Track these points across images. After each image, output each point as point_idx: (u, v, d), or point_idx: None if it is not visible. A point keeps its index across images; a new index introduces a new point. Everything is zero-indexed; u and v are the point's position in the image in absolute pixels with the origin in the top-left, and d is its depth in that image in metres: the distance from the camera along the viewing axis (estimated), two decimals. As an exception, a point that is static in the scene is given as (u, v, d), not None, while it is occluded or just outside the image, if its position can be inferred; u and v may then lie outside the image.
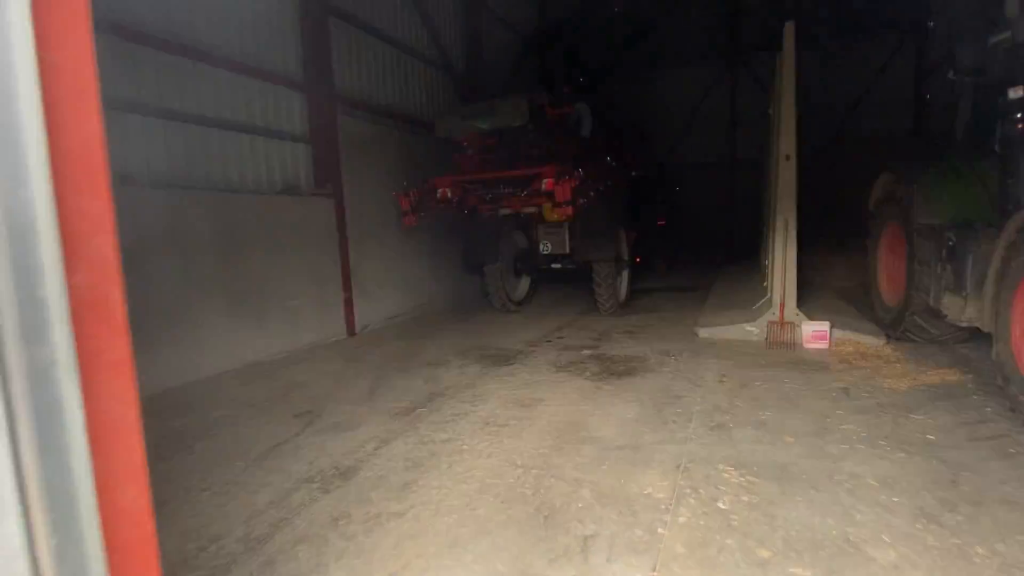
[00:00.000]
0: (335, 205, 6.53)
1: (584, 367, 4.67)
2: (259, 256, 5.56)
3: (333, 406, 3.96)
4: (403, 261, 7.80)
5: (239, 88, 5.74)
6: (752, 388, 3.89)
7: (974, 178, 4.38)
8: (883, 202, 5.47)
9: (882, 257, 5.62)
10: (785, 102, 5.11)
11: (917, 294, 4.55)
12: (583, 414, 3.51)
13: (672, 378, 4.23)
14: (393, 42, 7.96)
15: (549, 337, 6.04)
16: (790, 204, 5.15)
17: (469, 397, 3.99)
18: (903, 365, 4.29)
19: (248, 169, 5.87)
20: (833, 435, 3.01)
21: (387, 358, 5.41)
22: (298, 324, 5.98)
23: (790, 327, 5.18)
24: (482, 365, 4.93)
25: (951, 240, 4.02)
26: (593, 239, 6.39)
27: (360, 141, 7.01)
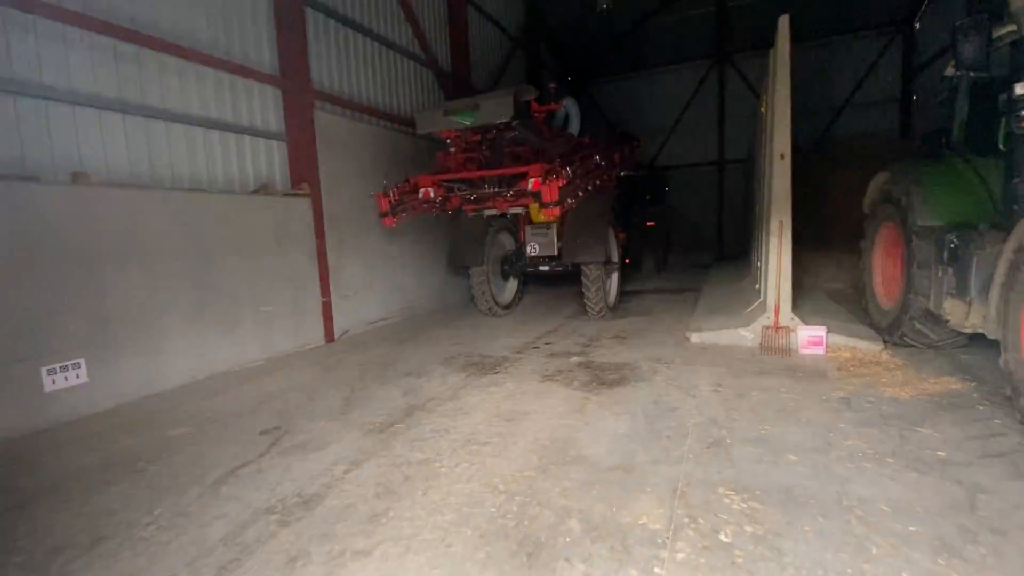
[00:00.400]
0: (312, 205, 6.24)
1: (572, 376, 4.44)
2: (230, 259, 5.25)
3: (303, 421, 3.68)
4: (386, 263, 7.52)
5: (208, 82, 5.43)
6: (749, 398, 3.69)
7: (974, 178, 4.23)
8: (879, 203, 5.32)
9: (877, 259, 5.47)
10: (779, 99, 4.93)
11: (916, 298, 4.38)
12: (571, 429, 3.28)
13: (665, 388, 4.02)
14: (375, 36, 7.68)
15: (536, 343, 5.80)
16: (785, 205, 4.97)
17: (450, 411, 3.74)
18: (903, 372, 4.12)
19: (219, 167, 5.57)
20: (838, 452, 2.81)
21: (366, 366, 5.13)
22: (272, 330, 5.68)
23: (785, 332, 5.00)
24: (466, 374, 4.67)
25: (953, 242, 3.85)
26: (582, 241, 6.17)
27: (339, 138, 6.71)
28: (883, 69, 13.45)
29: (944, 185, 4.29)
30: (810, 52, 13.97)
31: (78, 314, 4.03)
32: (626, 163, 8.41)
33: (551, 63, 15.01)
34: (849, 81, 13.87)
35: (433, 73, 9.07)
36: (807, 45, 13.89)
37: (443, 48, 9.49)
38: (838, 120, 14.08)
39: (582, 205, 6.49)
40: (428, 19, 9.02)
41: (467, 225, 7.00)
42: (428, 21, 9.02)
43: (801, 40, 13.99)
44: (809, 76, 14.09)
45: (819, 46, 13.95)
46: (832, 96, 14.10)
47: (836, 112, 14.06)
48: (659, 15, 14.15)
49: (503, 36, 11.98)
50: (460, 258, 6.96)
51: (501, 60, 11.89)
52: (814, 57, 13.98)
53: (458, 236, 7.04)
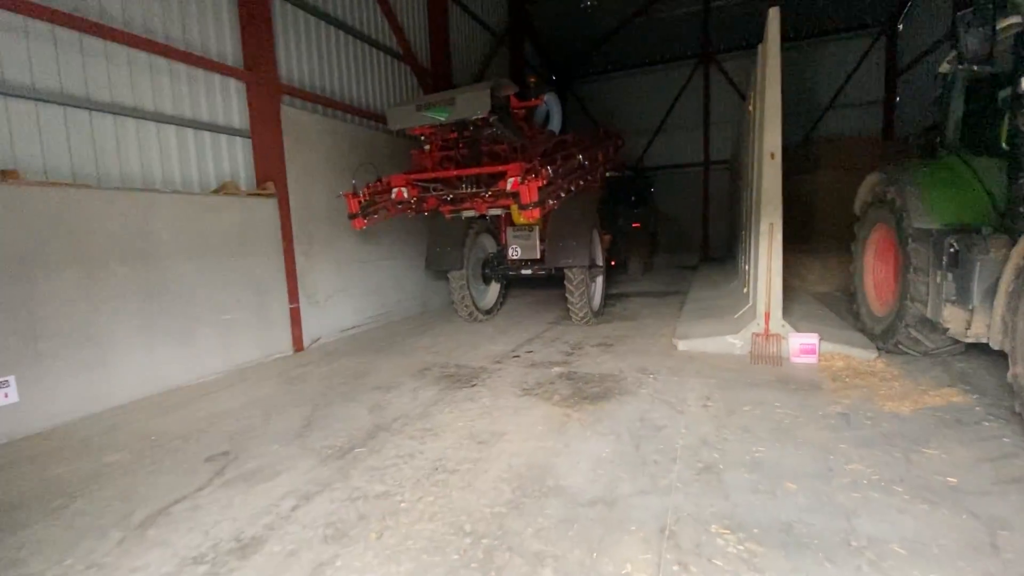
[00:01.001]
0: (278, 205, 5.87)
1: (553, 389, 4.16)
2: (185, 264, 4.87)
3: (256, 445, 3.34)
4: (361, 267, 7.16)
5: (163, 74, 5.04)
6: (741, 414, 3.44)
7: (973, 178, 4.04)
8: (871, 205, 5.13)
9: (869, 263, 5.28)
10: (769, 95, 4.70)
11: (912, 304, 4.18)
12: (550, 453, 2.99)
13: (651, 402, 3.75)
14: (349, 30, 7.32)
15: (517, 351, 5.51)
16: (775, 207, 4.74)
17: (418, 431, 3.42)
18: (901, 383, 3.90)
19: (175, 166, 5.18)
20: (840, 478, 2.56)
21: (333, 379, 4.79)
22: (233, 341, 5.30)
23: (776, 340, 4.77)
24: (439, 388, 4.36)
25: (953, 246, 3.64)
26: (565, 244, 5.89)
27: (309, 135, 6.35)
28: (866, 71, 13.44)
29: (941, 186, 4.10)
30: (793, 53, 13.90)
31: (5, 326, 3.64)
32: (610, 162, 8.15)
33: (536, 61, 14.75)
34: (832, 82, 13.85)
35: (412, 69, 8.74)
36: (790, 46, 13.82)
37: (423, 44, 9.16)
38: (822, 121, 14.04)
39: (565, 206, 6.22)
40: (407, 13, 8.68)
41: (445, 227, 6.68)
42: (407, 15, 8.68)
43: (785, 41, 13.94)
44: (793, 77, 14.02)
45: (802, 47, 13.90)
46: (815, 97, 14.07)
47: (820, 113, 14.02)
48: (644, 14, 13.97)
49: (486, 33, 11.68)
50: (437, 262, 6.64)
51: (484, 57, 11.59)
52: (797, 58, 13.92)
53: (435, 238, 6.72)
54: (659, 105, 15.69)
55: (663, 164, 15.99)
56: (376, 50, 7.94)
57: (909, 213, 4.17)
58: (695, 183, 15.74)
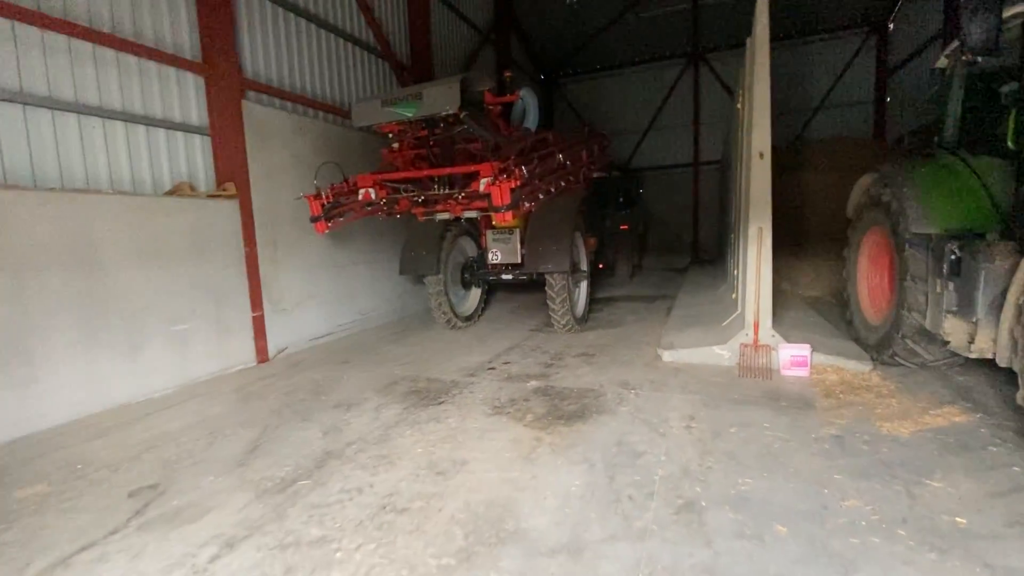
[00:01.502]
0: (240, 207, 5.51)
1: (527, 407, 3.84)
2: (132, 271, 4.51)
3: (189, 476, 3.00)
4: (333, 271, 6.81)
5: (110, 66, 4.68)
6: (727, 438, 3.14)
7: (973, 179, 3.78)
8: (865, 207, 4.87)
9: (863, 269, 5.02)
10: (758, 91, 4.42)
11: (909, 314, 3.92)
12: (514, 486, 2.68)
13: (631, 423, 3.45)
14: (321, 23, 6.98)
15: (494, 362, 5.19)
16: (765, 210, 4.46)
17: (372, 459, 3.10)
18: (899, 400, 3.63)
19: (124, 165, 4.81)
20: (836, 518, 2.27)
21: (293, 395, 4.45)
22: (188, 353, 4.94)
23: (765, 351, 4.49)
24: (404, 405, 4.04)
25: (955, 253, 3.38)
26: (545, 248, 5.58)
27: (276, 133, 5.99)
28: (857, 70, 13.27)
29: (940, 187, 3.83)
30: (783, 53, 13.72)
31: (-87, 344, 3.27)
32: (595, 163, 7.86)
33: (522, 60, 14.45)
34: (823, 82, 13.67)
35: (390, 65, 8.40)
36: (780, 45, 13.64)
37: (402, 39, 8.82)
38: (812, 121, 13.86)
39: (545, 208, 5.93)
40: (385, 7, 8.35)
41: (420, 230, 6.36)
42: (385, 9, 8.35)
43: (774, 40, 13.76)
44: (782, 77, 13.85)
45: (792, 47, 13.72)
46: (806, 97, 13.89)
47: (810, 113, 13.84)
48: (632, 12, 13.72)
49: (470, 30, 11.36)
50: (412, 266, 6.31)
51: (468, 54, 11.28)
52: (787, 58, 13.74)
53: (410, 242, 6.39)
54: (648, 105, 15.45)
55: (653, 165, 15.75)
56: (352, 45, 7.60)
57: (906, 216, 3.90)
58: (685, 184, 15.50)
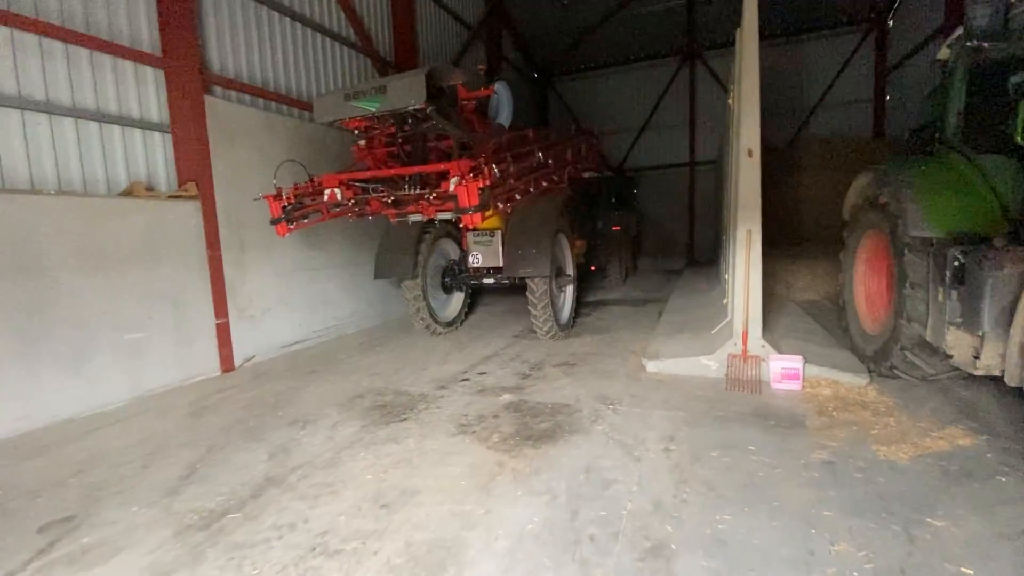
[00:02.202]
0: (202, 209, 5.22)
1: (495, 425, 3.55)
2: (78, 277, 4.22)
3: (112, 507, 2.71)
4: (306, 275, 6.52)
5: (58, 58, 4.40)
6: (708, 463, 2.85)
7: (977, 178, 3.50)
8: (861, 209, 4.58)
9: (860, 274, 4.73)
10: (747, 84, 4.14)
11: (908, 325, 3.63)
12: (464, 523, 2.38)
13: (604, 444, 3.16)
14: (295, 16, 6.69)
15: (468, 373, 4.90)
16: (754, 211, 4.18)
17: (316, 487, 2.81)
18: (896, 419, 3.34)
19: (73, 164, 4.52)
20: (823, 567, 1.98)
21: (248, 410, 4.16)
22: (143, 363, 4.65)
23: (755, 362, 4.20)
24: (364, 422, 3.75)
25: (958, 259, 3.09)
26: (524, 251, 5.29)
27: (244, 130, 5.71)
28: (856, 68, 12.97)
29: (942, 188, 3.54)
30: (781, 50, 13.44)
31: None
32: (582, 162, 7.56)
33: (515, 57, 14.16)
34: (821, 80, 13.37)
35: (372, 62, 8.12)
36: (778, 43, 13.37)
37: (385, 34, 8.53)
38: (810, 120, 13.57)
39: (525, 210, 5.64)
40: (366, 0, 8.06)
41: (396, 232, 6.07)
42: (366, 2, 8.06)
43: (772, 38, 13.51)
44: (780, 75, 13.57)
45: (790, 44, 13.43)
46: (804, 96, 13.59)
47: (808, 112, 13.54)
48: (626, 9, 13.43)
49: (459, 25, 11.07)
50: (386, 270, 6.02)
51: (456, 51, 10.99)
52: (785, 55, 13.46)
53: (385, 244, 6.10)
54: (644, 103, 15.16)
55: (648, 165, 15.46)
56: (330, 39, 7.32)
57: (905, 219, 3.61)
58: (681, 184, 15.21)
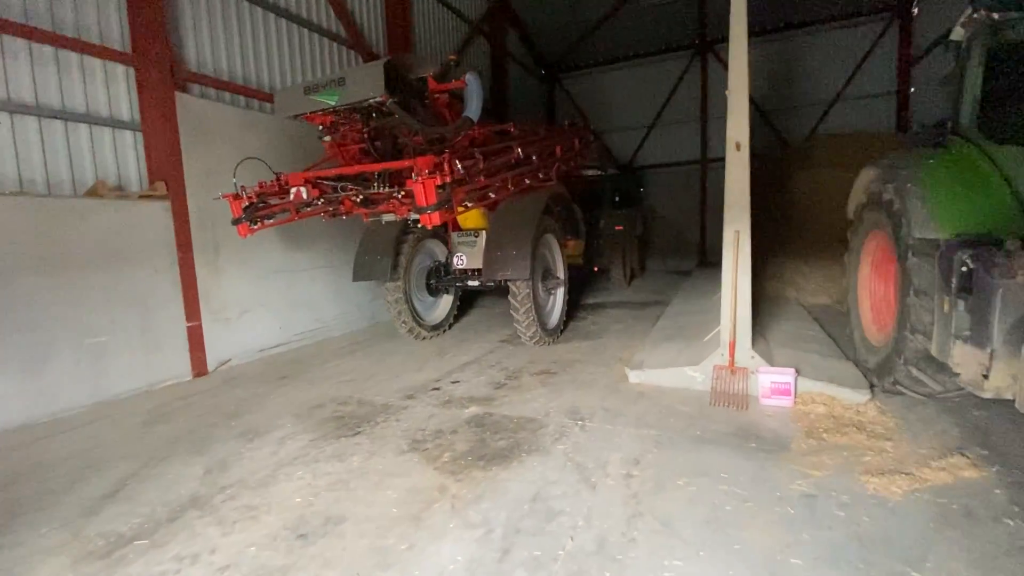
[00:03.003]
0: (172, 209, 5.08)
1: (450, 442, 3.29)
2: (35, 279, 4.09)
3: (23, 527, 2.53)
4: (286, 276, 6.35)
5: (20, 55, 4.28)
6: (671, 494, 2.54)
7: (993, 173, 3.10)
8: (866, 207, 4.18)
9: (865, 279, 4.33)
10: (734, 69, 3.78)
11: (913, 337, 3.24)
12: (379, 561, 2.13)
13: (561, 468, 2.87)
14: (279, 11, 6.53)
15: (441, 381, 4.65)
16: (742, 210, 3.82)
17: (238, 511, 2.58)
18: (895, 444, 2.97)
19: (36, 164, 4.41)
20: (780, 633, 1.66)
21: (203, 419, 3.98)
22: (105, 368, 4.51)
23: (743, 375, 3.85)
24: (315, 436, 3.52)
25: (966, 264, 2.71)
26: (503, 253, 5.01)
27: (220, 129, 5.56)
28: (878, 59, 12.32)
29: (951, 183, 3.15)
30: (798, 41, 12.86)
31: None
32: (575, 158, 7.22)
33: (520, 53, 13.87)
34: (840, 73, 12.74)
35: (362, 57, 7.92)
36: (794, 34, 12.79)
37: (377, 28, 8.33)
38: (829, 115, 12.94)
39: (506, 209, 5.36)
40: (354, -5, 7.88)
41: (376, 231, 5.85)
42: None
43: (787, 29, 12.93)
44: (796, 68, 13.00)
45: (807, 35, 12.83)
46: (822, 89, 12.96)
47: (827, 106, 12.92)
48: (635, 2, 13.01)
49: (458, 20, 10.83)
50: (364, 271, 5.80)
51: (456, 47, 10.75)
52: (802, 47, 12.88)
53: (364, 245, 5.89)
54: (653, 99, 14.70)
55: (658, 162, 15.01)
56: (316, 35, 7.14)
57: (908, 218, 3.23)
58: (692, 182, 14.71)
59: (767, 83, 13.15)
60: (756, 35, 13.48)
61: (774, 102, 13.20)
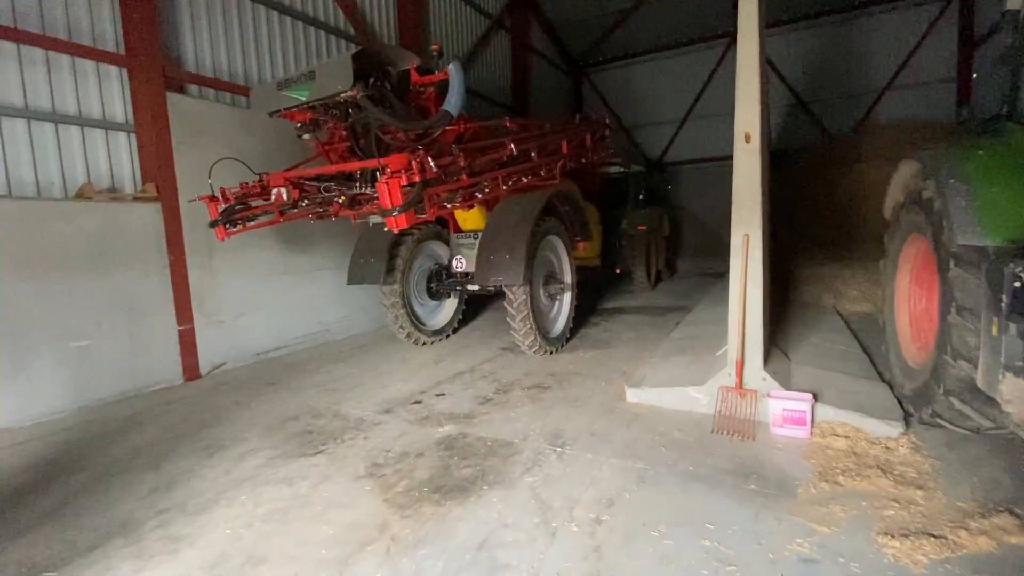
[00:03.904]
0: (163, 211, 5.01)
1: (412, 467, 3.00)
2: (16, 283, 4.07)
3: (-58, 551, 2.41)
4: (288, 280, 6.24)
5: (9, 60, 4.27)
6: (639, 549, 2.16)
7: (1059, 167, 2.54)
8: (904, 206, 3.62)
9: (903, 289, 3.76)
10: (744, 51, 3.31)
11: (955, 364, 2.71)
12: (285, 618, 1.85)
13: (523, 506, 2.52)
14: (282, 8, 6.40)
15: (426, 394, 4.37)
16: (752, 211, 3.35)
17: (161, 543, 2.37)
18: (927, 494, 2.46)
19: (24, 167, 4.39)
20: None
21: (174, 428, 3.85)
22: (89, 371, 4.47)
23: (751, 398, 3.38)
24: (275, 453, 3.30)
25: (1020, 278, 2.20)
26: (497, 256, 4.68)
27: (211, 129, 5.46)
28: (935, 43, 11.24)
29: (1003, 178, 2.60)
30: (847, 26, 11.90)
31: None
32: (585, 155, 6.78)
33: (545, 47, 13.46)
34: (892, 58, 11.70)
35: (372, 54, 7.73)
36: (843, 17, 11.85)
37: (388, 24, 8.14)
38: (879, 104, 11.92)
39: (502, 210, 5.03)
40: (363, -10, 7.71)
41: (372, 233, 5.63)
42: (364, -7, 7.71)
43: (834, 13, 11.98)
44: (842, 55, 12.04)
45: (856, 19, 11.86)
46: (871, 77, 11.95)
47: (877, 95, 11.90)
48: (667, -11, 12.41)
49: (477, 15, 10.54)
50: (358, 275, 5.59)
51: (475, 42, 10.46)
52: (850, 33, 11.91)
53: (359, 247, 5.69)
54: (685, 92, 14.00)
55: (691, 158, 14.29)
56: (323, 32, 6.99)
57: (951, 221, 2.70)
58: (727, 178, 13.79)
59: (809, 72, 12.27)
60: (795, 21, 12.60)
61: (816, 92, 12.30)
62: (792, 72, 12.46)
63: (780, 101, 12.66)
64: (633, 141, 14.87)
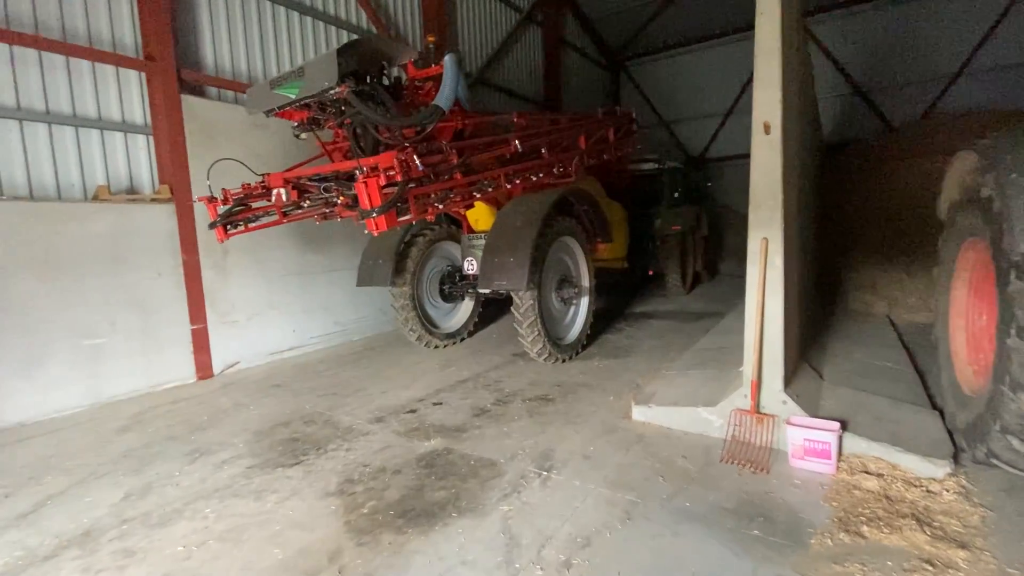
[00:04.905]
0: (178, 212, 5.08)
1: (384, 487, 2.81)
2: (32, 283, 4.20)
3: (-87, 552, 2.42)
4: (304, 279, 6.24)
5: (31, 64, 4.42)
6: (609, 602, 1.87)
7: None
8: (959, 206, 3.11)
9: (959, 302, 3.24)
10: (764, 30, 2.91)
11: (1014, 396, 2.25)
12: (200, 660, 1.70)
13: (489, 541, 2.28)
14: (303, 9, 6.42)
15: (423, 402, 4.20)
16: (772, 211, 2.95)
17: (113, 556, 2.29)
18: (973, 554, 2.03)
19: (45, 169, 4.53)
20: None
21: (170, 429, 3.85)
22: (103, 369, 4.58)
23: (769, 425, 2.99)
24: (253, 462, 3.21)
25: (1097, 300, 1.75)
26: (501, 260, 4.43)
27: (226, 129, 5.50)
28: (1012, 24, 10.04)
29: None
30: (908, 10, 10.85)
31: None
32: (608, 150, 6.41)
33: (581, 41, 13.05)
34: (966, 42, 10.56)
35: (396, 53, 7.66)
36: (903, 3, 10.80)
37: (411, 22, 8.05)
38: (949, 92, 10.80)
39: (508, 210, 4.78)
40: (387, -11, 7.64)
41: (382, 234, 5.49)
42: (388, -9, 7.65)
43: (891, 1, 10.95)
44: (908, 39, 10.98)
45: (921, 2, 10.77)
46: (941, 62, 10.84)
47: (947, 81, 10.79)
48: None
49: (506, 8, 10.29)
50: (367, 277, 5.49)
51: (504, 37, 10.22)
52: (914, 16, 10.85)
53: (369, 248, 5.59)
54: (729, 85, 13.22)
55: (736, 153, 13.49)
56: (345, 31, 6.97)
57: (1012, 223, 2.24)
58: (774, 175, 13.03)
59: (869, 58, 11.29)
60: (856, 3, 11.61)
61: (877, 80, 11.29)
62: (850, 59, 11.51)
63: (834, 91, 11.73)
64: (674, 136, 14.23)
